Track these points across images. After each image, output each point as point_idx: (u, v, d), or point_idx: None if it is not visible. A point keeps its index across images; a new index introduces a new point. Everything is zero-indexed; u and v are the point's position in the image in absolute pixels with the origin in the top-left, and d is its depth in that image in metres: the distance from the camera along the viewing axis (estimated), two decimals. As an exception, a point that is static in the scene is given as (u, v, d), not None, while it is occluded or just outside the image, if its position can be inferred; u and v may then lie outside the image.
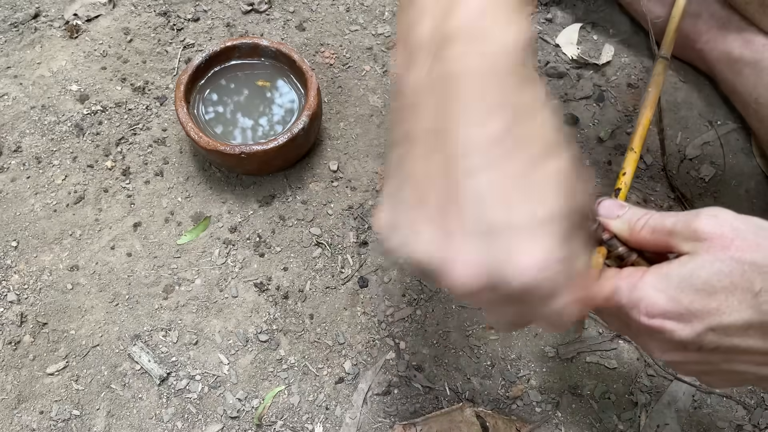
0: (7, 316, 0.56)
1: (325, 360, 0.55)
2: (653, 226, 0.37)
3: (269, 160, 0.58)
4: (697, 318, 0.34)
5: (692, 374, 0.39)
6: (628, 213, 0.39)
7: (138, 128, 0.65)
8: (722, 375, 0.37)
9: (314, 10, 0.73)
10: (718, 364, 0.36)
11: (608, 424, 0.53)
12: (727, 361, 0.35)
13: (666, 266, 0.35)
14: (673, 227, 0.36)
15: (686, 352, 0.35)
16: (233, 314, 0.57)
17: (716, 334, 0.34)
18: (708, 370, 0.37)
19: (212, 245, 0.60)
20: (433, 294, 0.58)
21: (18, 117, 0.66)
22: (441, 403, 0.54)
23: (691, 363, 0.36)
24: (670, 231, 0.36)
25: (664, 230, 0.36)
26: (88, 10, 0.72)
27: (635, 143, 0.46)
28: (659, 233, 0.37)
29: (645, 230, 0.37)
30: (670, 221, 0.36)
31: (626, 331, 0.39)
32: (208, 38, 0.71)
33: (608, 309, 0.37)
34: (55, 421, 0.52)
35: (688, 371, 0.38)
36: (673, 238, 0.36)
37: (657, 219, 0.37)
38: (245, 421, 0.53)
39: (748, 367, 0.35)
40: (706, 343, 0.34)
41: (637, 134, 0.46)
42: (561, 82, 0.69)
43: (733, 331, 0.34)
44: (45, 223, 0.60)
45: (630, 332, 0.38)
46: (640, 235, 0.38)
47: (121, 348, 0.55)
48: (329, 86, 0.68)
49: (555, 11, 0.73)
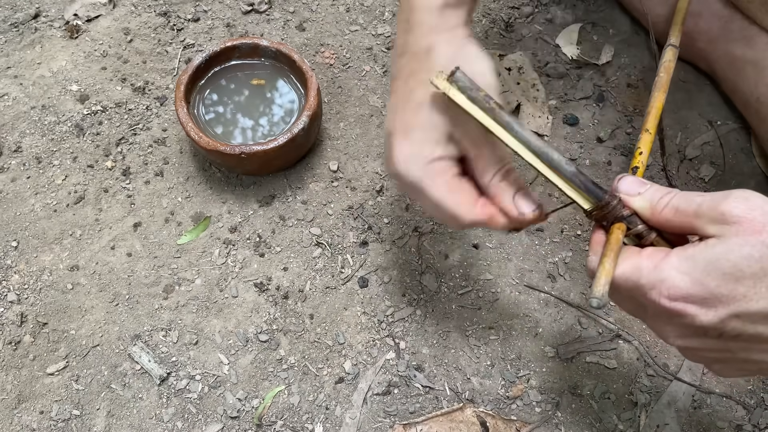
0: (7, 316, 0.56)
1: (325, 360, 0.55)
2: (677, 205, 0.36)
3: (269, 160, 0.58)
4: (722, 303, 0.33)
5: (705, 362, 0.37)
6: (650, 191, 0.37)
7: (138, 128, 0.65)
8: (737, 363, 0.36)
9: (314, 10, 0.73)
10: (736, 352, 0.35)
11: (608, 424, 0.53)
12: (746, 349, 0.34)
13: (691, 248, 0.34)
14: (698, 208, 0.34)
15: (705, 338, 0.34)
16: (233, 314, 0.57)
17: (740, 321, 0.33)
18: (723, 358, 0.36)
19: (212, 245, 0.60)
20: (433, 294, 0.58)
21: (18, 117, 0.66)
22: (441, 403, 0.54)
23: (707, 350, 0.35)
24: (695, 212, 0.34)
25: (688, 211, 0.35)
26: (88, 10, 0.72)
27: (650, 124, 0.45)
28: (683, 214, 0.35)
29: (668, 209, 0.36)
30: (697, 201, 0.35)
31: (641, 313, 0.38)
32: (208, 38, 0.71)
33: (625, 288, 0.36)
34: (55, 421, 0.52)
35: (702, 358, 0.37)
36: (698, 219, 0.34)
37: (682, 198, 0.36)
38: (245, 421, 0.53)
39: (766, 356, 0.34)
40: (728, 330, 0.33)
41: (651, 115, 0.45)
42: (561, 82, 0.69)
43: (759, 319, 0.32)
44: (45, 223, 0.60)
45: (645, 314, 0.37)
46: (662, 215, 0.36)
47: (121, 348, 0.55)
48: (329, 86, 0.68)
49: (555, 11, 0.73)
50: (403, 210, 0.62)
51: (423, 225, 0.61)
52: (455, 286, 0.58)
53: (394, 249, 0.60)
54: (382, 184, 0.63)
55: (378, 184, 0.63)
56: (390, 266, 0.59)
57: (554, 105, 0.68)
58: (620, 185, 0.38)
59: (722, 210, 0.33)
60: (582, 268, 0.59)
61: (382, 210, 0.62)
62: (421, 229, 0.61)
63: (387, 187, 0.63)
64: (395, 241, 0.60)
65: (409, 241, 0.60)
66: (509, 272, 0.59)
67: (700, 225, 0.34)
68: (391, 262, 0.59)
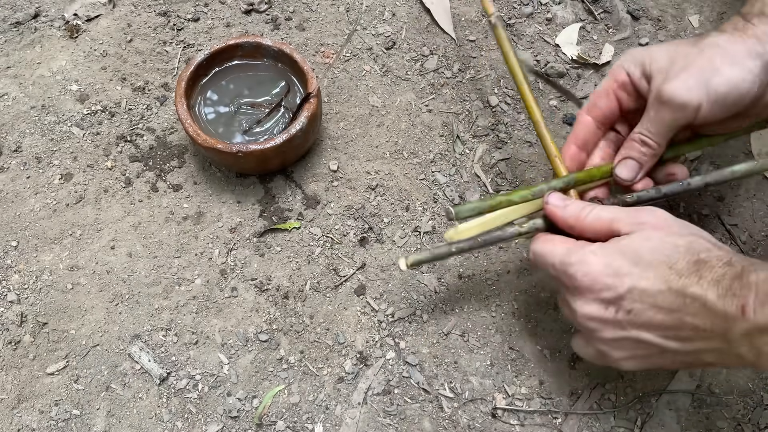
0: (7, 316, 0.56)
1: (325, 360, 0.55)
2: (598, 214, 0.45)
3: (267, 160, 0.58)
4: (621, 279, 0.41)
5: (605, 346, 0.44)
6: (574, 203, 0.47)
7: (138, 128, 0.65)
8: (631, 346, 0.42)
9: (314, 10, 0.73)
10: (628, 329, 0.41)
11: (608, 424, 0.53)
12: (637, 326, 0.41)
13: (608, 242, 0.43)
14: (616, 215, 0.44)
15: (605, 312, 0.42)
16: (233, 314, 0.57)
17: (632, 298, 0.40)
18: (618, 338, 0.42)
19: (212, 245, 0.60)
20: (433, 294, 0.58)
21: (18, 117, 0.66)
22: (441, 403, 0.54)
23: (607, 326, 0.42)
24: (612, 218, 0.44)
25: (608, 218, 0.44)
26: (88, 10, 0.72)
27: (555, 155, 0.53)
28: (603, 220, 0.44)
29: (591, 217, 0.45)
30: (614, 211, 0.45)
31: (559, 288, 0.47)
32: (208, 38, 0.71)
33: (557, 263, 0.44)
34: (55, 421, 0.52)
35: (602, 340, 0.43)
36: (616, 223, 0.43)
37: (602, 209, 0.45)
38: (245, 421, 0.53)
39: (654, 338, 0.41)
40: (624, 304, 0.41)
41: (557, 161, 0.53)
42: (561, 82, 0.69)
43: (646, 297, 0.40)
44: (45, 223, 0.60)
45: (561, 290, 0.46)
46: (585, 222, 0.45)
47: (121, 348, 0.55)
48: (329, 86, 0.68)
49: (555, 11, 0.73)
50: (403, 210, 0.62)
51: (423, 225, 0.61)
52: (455, 286, 0.58)
53: (394, 249, 0.60)
54: (381, 183, 0.63)
55: (378, 184, 0.63)
56: (390, 266, 0.59)
57: (554, 105, 0.68)
58: (549, 198, 0.47)
59: (636, 216, 0.43)
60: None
61: (382, 210, 0.62)
62: (421, 229, 0.61)
63: (386, 187, 0.63)
64: (395, 241, 0.60)
65: (409, 241, 0.60)
66: (510, 272, 0.59)
67: (617, 227, 0.43)
68: (391, 262, 0.59)
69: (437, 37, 0.72)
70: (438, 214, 0.62)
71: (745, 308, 0.36)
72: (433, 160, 0.64)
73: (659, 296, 0.40)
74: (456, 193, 0.63)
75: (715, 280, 0.38)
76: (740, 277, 0.37)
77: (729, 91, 0.44)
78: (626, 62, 0.50)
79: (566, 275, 0.43)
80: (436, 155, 0.65)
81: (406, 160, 0.64)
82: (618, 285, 0.41)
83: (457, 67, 0.70)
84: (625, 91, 0.51)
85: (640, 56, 0.49)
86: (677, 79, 0.45)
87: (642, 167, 0.49)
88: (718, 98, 0.45)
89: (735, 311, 0.37)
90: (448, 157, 0.65)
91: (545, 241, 0.46)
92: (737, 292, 0.37)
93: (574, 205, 0.46)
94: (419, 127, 0.66)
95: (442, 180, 0.63)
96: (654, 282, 0.40)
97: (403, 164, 0.64)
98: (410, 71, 0.69)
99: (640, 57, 0.49)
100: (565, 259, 0.43)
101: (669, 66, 0.46)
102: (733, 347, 0.38)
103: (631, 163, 0.49)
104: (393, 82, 0.69)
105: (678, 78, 0.45)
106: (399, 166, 0.64)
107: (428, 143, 0.65)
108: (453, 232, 0.48)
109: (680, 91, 0.45)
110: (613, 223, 0.44)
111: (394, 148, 0.65)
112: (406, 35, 0.72)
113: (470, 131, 0.66)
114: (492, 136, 0.66)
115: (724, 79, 0.44)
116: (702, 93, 0.44)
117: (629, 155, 0.49)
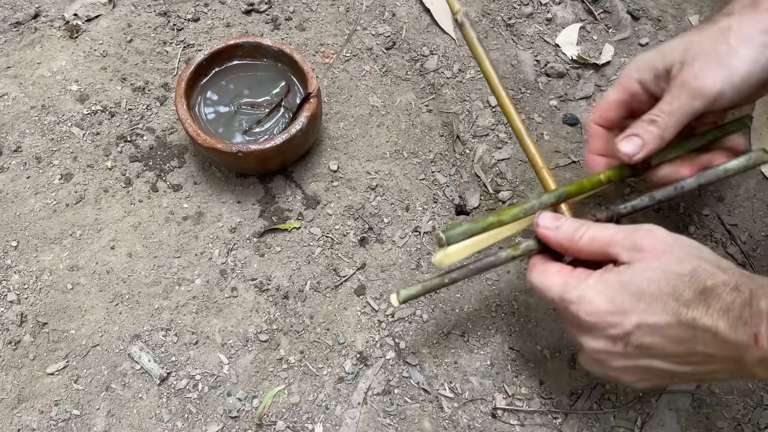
0: (7, 316, 0.56)
1: (325, 360, 0.55)
2: (593, 235, 0.42)
3: (267, 159, 0.58)
4: (627, 316, 0.39)
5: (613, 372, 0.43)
6: (567, 223, 0.44)
7: (138, 128, 0.65)
8: (640, 371, 0.41)
9: (314, 10, 0.73)
10: (638, 359, 0.40)
11: (608, 424, 0.53)
12: (647, 356, 0.40)
13: (606, 273, 0.41)
14: (612, 237, 0.41)
15: (613, 347, 0.41)
16: (233, 314, 0.57)
17: (641, 332, 0.39)
18: (628, 366, 0.41)
19: (212, 245, 0.60)
20: (433, 294, 0.58)
21: (18, 117, 0.66)
22: (441, 402, 0.54)
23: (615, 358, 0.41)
24: (609, 241, 0.41)
25: (604, 239, 0.42)
26: (88, 10, 0.72)
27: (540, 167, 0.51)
28: (599, 242, 0.42)
29: (585, 238, 0.43)
30: (610, 232, 0.42)
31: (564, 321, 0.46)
32: (208, 38, 0.71)
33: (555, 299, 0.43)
34: (55, 421, 0.52)
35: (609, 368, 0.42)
36: (612, 247, 0.41)
37: (597, 229, 0.43)
38: (245, 421, 0.53)
39: (666, 365, 0.40)
40: (632, 339, 0.39)
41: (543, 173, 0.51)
42: (561, 82, 0.69)
43: (655, 330, 0.39)
44: (45, 223, 0.60)
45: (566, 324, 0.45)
46: (580, 243, 0.43)
47: (121, 348, 0.55)
48: (329, 86, 0.68)
49: (555, 11, 0.73)
50: (403, 210, 0.62)
51: (423, 225, 0.61)
52: (455, 286, 0.58)
53: (394, 249, 0.60)
54: (381, 183, 0.63)
55: (378, 184, 0.63)
56: (390, 266, 0.59)
57: (554, 105, 0.68)
58: (539, 220, 0.45)
59: (633, 239, 0.41)
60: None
61: (382, 210, 0.62)
62: (421, 229, 0.61)
63: (386, 187, 0.63)
64: (395, 241, 0.60)
65: (409, 241, 0.60)
66: (510, 272, 0.59)
67: (615, 252, 0.41)
68: (391, 262, 0.59)
69: (437, 37, 0.72)
70: (438, 214, 0.62)
71: (757, 337, 0.35)
72: (433, 160, 0.64)
73: (668, 329, 0.38)
74: (456, 193, 0.63)
75: (724, 309, 0.37)
76: (750, 305, 0.36)
77: (749, 71, 0.43)
78: (634, 71, 0.49)
79: (568, 312, 0.42)
80: (436, 155, 0.65)
81: (406, 160, 0.64)
82: (624, 322, 0.39)
83: (457, 67, 0.70)
84: (637, 101, 0.49)
85: (649, 60, 0.48)
86: (696, 65, 0.44)
87: (644, 145, 0.46)
88: (741, 82, 0.43)
89: (747, 340, 0.36)
90: (448, 157, 0.65)
91: (540, 272, 0.44)
92: (748, 320, 0.36)
93: (566, 225, 0.44)
94: (419, 127, 0.66)
95: (442, 180, 0.63)
96: (662, 316, 0.38)
97: (403, 164, 0.64)
98: (410, 71, 0.69)
99: (650, 61, 0.47)
100: (564, 296, 0.42)
101: (684, 55, 0.45)
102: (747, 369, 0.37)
103: (635, 139, 0.46)
104: (393, 82, 0.69)
105: (695, 64, 0.44)
106: (399, 166, 0.64)
107: (428, 143, 0.65)
108: (442, 254, 0.46)
109: (701, 76, 0.43)
110: (610, 247, 0.41)
111: (394, 148, 0.65)
112: (406, 35, 0.72)
113: (470, 131, 0.66)
114: (492, 136, 0.66)
115: (743, 59, 0.43)
116: (724, 79, 0.43)
117: (634, 132, 0.46)
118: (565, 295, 0.42)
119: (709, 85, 0.43)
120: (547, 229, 0.45)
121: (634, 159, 0.46)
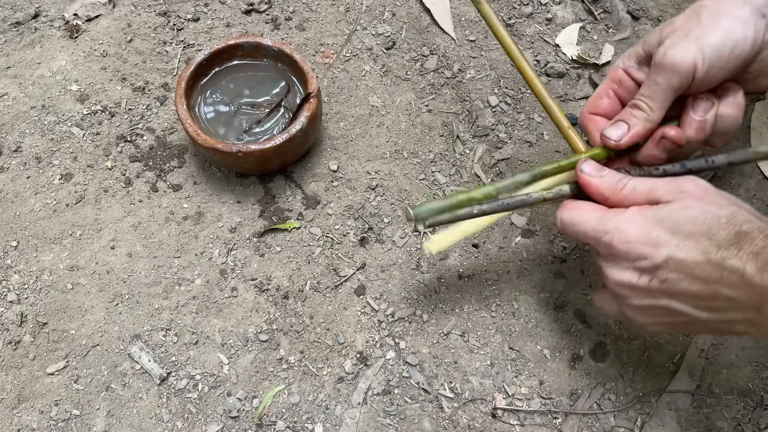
0: (7, 316, 0.56)
1: (325, 360, 0.55)
2: (635, 185, 0.44)
3: (267, 159, 0.58)
4: (658, 249, 0.40)
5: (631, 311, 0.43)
6: (610, 174, 0.45)
7: (138, 128, 0.65)
8: (658, 312, 0.42)
9: (314, 10, 0.73)
10: (659, 297, 0.41)
11: (608, 424, 0.53)
12: (668, 296, 0.41)
13: (645, 209, 0.42)
14: (654, 184, 0.43)
15: (639, 279, 0.41)
16: (233, 314, 0.57)
17: (668, 268, 0.40)
18: (648, 305, 0.42)
19: (212, 245, 0.60)
20: (433, 294, 0.58)
21: (18, 117, 0.66)
22: (441, 403, 0.54)
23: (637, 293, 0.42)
24: (651, 188, 0.43)
25: (645, 188, 0.43)
26: (88, 10, 0.72)
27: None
28: (640, 192, 0.43)
29: (627, 188, 0.44)
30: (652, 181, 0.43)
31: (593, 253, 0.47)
32: (208, 38, 0.71)
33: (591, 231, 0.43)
34: (55, 421, 0.52)
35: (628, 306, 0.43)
36: (654, 192, 0.42)
37: (638, 180, 0.44)
38: (245, 421, 0.53)
39: (685, 308, 0.40)
40: (659, 273, 0.40)
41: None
42: (561, 82, 0.69)
43: (683, 267, 0.39)
44: (45, 223, 0.60)
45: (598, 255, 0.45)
46: (621, 193, 0.44)
47: (121, 348, 0.55)
48: (329, 86, 0.68)
49: (555, 11, 0.73)
50: (403, 210, 0.62)
51: (423, 225, 0.61)
52: (455, 286, 0.58)
53: (394, 249, 0.60)
54: (381, 183, 0.63)
55: (378, 184, 0.63)
56: (390, 266, 0.59)
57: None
58: (583, 166, 0.46)
59: (677, 183, 0.42)
60: (582, 268, 0.59)
61: (382, 210, 0.62)
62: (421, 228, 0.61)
63: (386, 187, 0.63)
64: (395, 241, 0.60)
65: (409, 241, 0.60)
66: (510, 272, 0.59)
67: (656, 196, 0.42)
68: (391, 262, 0.59)
69: (437, 37, 0.72)
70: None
71: None
72: (433, 160, 0.64)
73: (696, 267, 0.39)
74: (456, 193, 0.63)
75: (755, 252, 0.37)
76: None
77: (722, 42, 0.43)
78: (619, 60, 0.50)
79: (601, 242, 0.42)
80: (436, 155, 0.65)
81: (406, 160, 0.64)
82: (655, 255, 0.40)
83: (457, 67, 0.70)
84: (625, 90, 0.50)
85: (632, 49, 0.49)
86: (667, 42, 0.45)
87: (630, 128, 0.47)
88: (713, 53, 0.43)
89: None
90: (448, 157, 0.65)
91: (574, 208, 0.45)
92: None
93: (610, 175, 0.45)
94: (419, 127, 0.66)
95: (442, 180, 0.63)
96: (692, 253, 0.39)
97: (403, 164, 0.64)
98: (410, 71, 0.69)
99: (633, 49, 0.49)
100: (599, 227, 0.42)
101: (660, 35, 0.46)
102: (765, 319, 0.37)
103: (620, 125, 0.47)
104: (393, 82, 0.69)
105: (668, 40, 0.45)
106: (399, 166, 0.64)
107: (428, 143, 0.65)
108: (428, 243, 0.49)
109: (671, 51, 0.44)
110: (652, 193, 0.42)
111: (394, 148, 0.65)
112: (406, 35, 0.72)
113: (470, 131, 0.66)
114: (492, 136, 0.66)
115: (714, 31, 0.43)
116: (694, 51, 0.43)
117: (620, 117, 0.48)
118: (600, 226, 0.42)
119: (679, 59, 0.44)
120: (591, 177, 0.45)
121: (621, 143, 0.47)
